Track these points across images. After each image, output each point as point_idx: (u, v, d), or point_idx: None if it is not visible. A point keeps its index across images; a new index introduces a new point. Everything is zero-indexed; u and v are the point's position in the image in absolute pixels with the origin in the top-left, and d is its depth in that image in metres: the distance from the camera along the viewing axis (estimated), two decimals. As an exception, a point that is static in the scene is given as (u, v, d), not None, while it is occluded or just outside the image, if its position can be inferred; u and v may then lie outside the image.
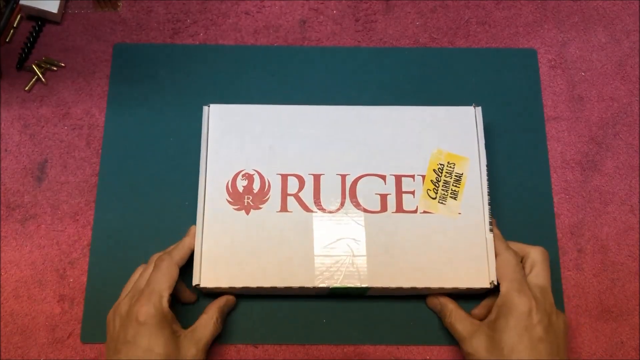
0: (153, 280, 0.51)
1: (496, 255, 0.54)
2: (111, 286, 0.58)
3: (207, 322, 0.53)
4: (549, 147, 0.63)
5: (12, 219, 0.60)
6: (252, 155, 0.57)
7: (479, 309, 0.56)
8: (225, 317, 0.56)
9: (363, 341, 0.57)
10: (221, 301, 0.55)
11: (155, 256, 0.54)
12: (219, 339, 0.57)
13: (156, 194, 0.61)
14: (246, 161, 0.57)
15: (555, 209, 0.61)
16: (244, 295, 0.57)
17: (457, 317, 0.53)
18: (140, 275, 0.53)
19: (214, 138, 0.58)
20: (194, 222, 0.56)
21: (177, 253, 0.53)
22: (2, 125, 0.63)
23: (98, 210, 0.60)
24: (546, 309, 0.50)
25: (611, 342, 0.58)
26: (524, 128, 0.64)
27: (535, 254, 0.53)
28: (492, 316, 0.52)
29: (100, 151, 0.62)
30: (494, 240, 0.55)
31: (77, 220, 0.60)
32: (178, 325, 0.51)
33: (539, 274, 0.52)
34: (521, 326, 0.49)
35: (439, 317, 0.56)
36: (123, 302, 0.51)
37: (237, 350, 0.57)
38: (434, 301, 0.56)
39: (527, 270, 0.53)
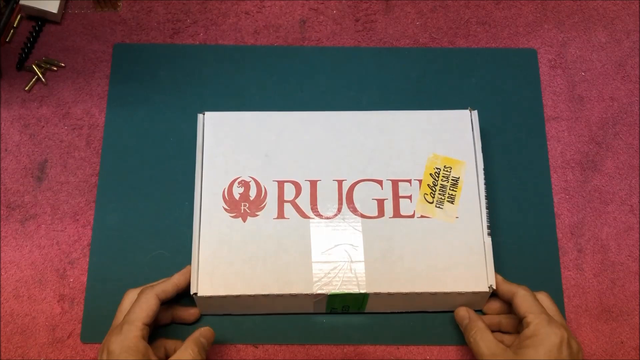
0: (130, 312, 0.50)
1: (513, 295, 0.52)
2: (111, 286, 0.58)
3: (182, 354, 0.50)
4: (549, 147, 0.63)
5: (12, 219, 0.60)
6: (248, 162, 0.57)
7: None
8: (206, 349, 0.52)
9: (363, 341, 0.57)
10: (195, 334, 0.52)
11: (127, 292, 0.54)
12: (219, 339, 0.56)
13: (156, 194, 0.61)
14: (242, 168, 0.57)
15: (555, 209, 0.61)
16: (244, 314, 0.57)
17: (483, 337, 0.51)
18: (117, 312, 0.53)
19: (209, 146, 0.58)
20: (193, 222, 0.56)
21: (160, 286, 0.53)
22: (2, 125, 0.63)
23: (98, 210, 0.60)
24: (572, 344, 0.49)
25: (611, 342, 0.58)
26: (524, 128, 0.64)
27: (545, 299, 0.54)
28: (517, 344, 0.50)
29: (100, 151, 0.62)
30: (504, 283, 0.54)
31: (77, 220, 0.60)
32: (154, 356, 0.50)
33: (555, 314, 0.52)
34: (552, 357, 0.48)
35: (462, 331, 0.54)
36: (104, 339, 0.51)
37: (237, 350, 0.57)
38: (463, 314, 0.54)
39: None
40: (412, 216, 0.56)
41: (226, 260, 0.54)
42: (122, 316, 0.52)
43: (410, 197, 0.56)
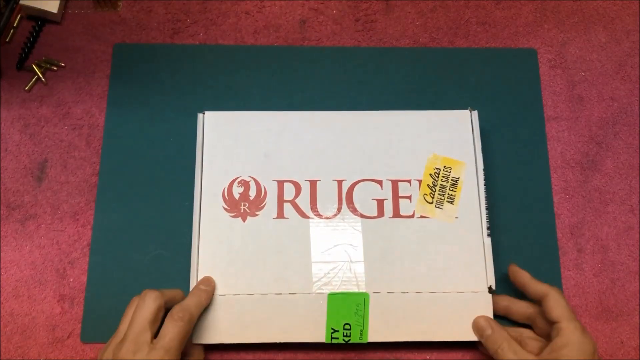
0: (168, 345, 0.47)
1: (544, 296, 0.51)
2: (111, 286, 0.58)
3: None
4: (549, 147, 0.63)
5: (12, 219, 0.60)
6: (248, 162, 0.57)
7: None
8: None
9: (363, 341, 0.57)
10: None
11: (150, 295, 0.49)
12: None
13: (156, 194, 0.61)
14: (242, 168, 0.57)
15: (555, 209, 0.61)
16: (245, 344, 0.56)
17: (511, 346, 0.51)
18: (134, 317, 0.48)
19: (209, 145, 0.58)
20: (193, 222, 0.56)
21: (197, 313, 0.50)
22: (2, 125, 0.63)
23: (98, 210, 0.60)
24: (598, 354, 0.50)
25: (611, 342, 0.58)
26: (524, 128, 0.64)
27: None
28: (549, 352, 0.50)
29: (100, 151, 0.62)
30: (533, 281, 0.53)
31: (77, 220, 0.60)
32: None
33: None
34: None
35: (483, 342, 0.53)
36: (125, 352, 0.47)
37: (237, 350, 0.57)
38: (484, 324, 0.53)
39: None
40: (412, 216, 0.56)
41: (226, 259, 0.54)
42: (126, 326, 0.49)
43: (410, 198, 0.56)
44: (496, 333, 0.52)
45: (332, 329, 0.54)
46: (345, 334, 0.54)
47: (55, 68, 0.65)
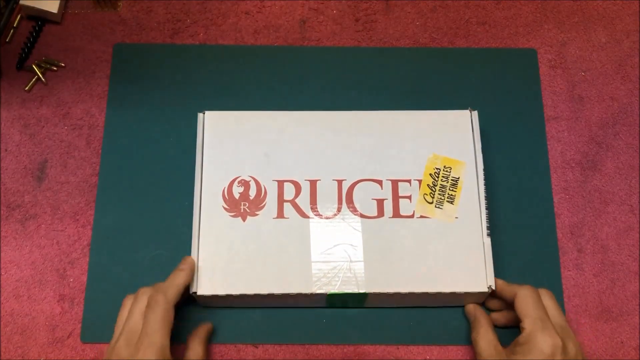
0: (150, 330, 0.48)
1: (514, 296, 0.52)
2: (111, 286, 0.58)
3: (190, 354, 0.52)
4: (549, 147, 0.63)
5: (12, 219, 0.60)
6: (248, 162, 0.57)
7: (499, 317, 0.56)
8: (207, 344, 0.55)
9: (363, 341, 0.57)
10: (199, 332, 0.54)
11: (145, 290, 0.51)
12: (219, 339, 0.57)
13: (156, 194, 0.61)
14: (242, 167, 0.57)
15: (555, 209, 0.61)
16: (243, 306, 0.57)
17: (484, 336, 0.52)
18: (130, 313, 0.50)
19: (210, 145, 0.58)
20: (193, 222, 0.56)
21: (172, 292, 0.50)
22: (2, 125, 0.63)
23: (98, 210, 0.61)
24: (569, 351, 0.49)
25: (611, 342, 0.58)
26: (524, 128, 0.64)
27: (544, 294, 0.53)
28: (511, 349, 0.50)
29: (100, 151, 0.62)
30: (505, 286, 0.54)
31: (77, 220, 0.60)
32: None
33: (555, 315, 0.51)
34: None
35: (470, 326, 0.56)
36: (120, 346, 0.48)
37: (237, 350, 0.57)
38: (470, 310, 0.56)
39: None
40: (412, 216, 0.56)
41: (226, 259, 0.54)
42: (122, 325, 0.49)
43: (409, 197, 0.56)
44: (476, 321, 0.54)
45: (332, 303, 0.56)
46: (343, 305, 0.57)
47: (55, 68, 0.65)
